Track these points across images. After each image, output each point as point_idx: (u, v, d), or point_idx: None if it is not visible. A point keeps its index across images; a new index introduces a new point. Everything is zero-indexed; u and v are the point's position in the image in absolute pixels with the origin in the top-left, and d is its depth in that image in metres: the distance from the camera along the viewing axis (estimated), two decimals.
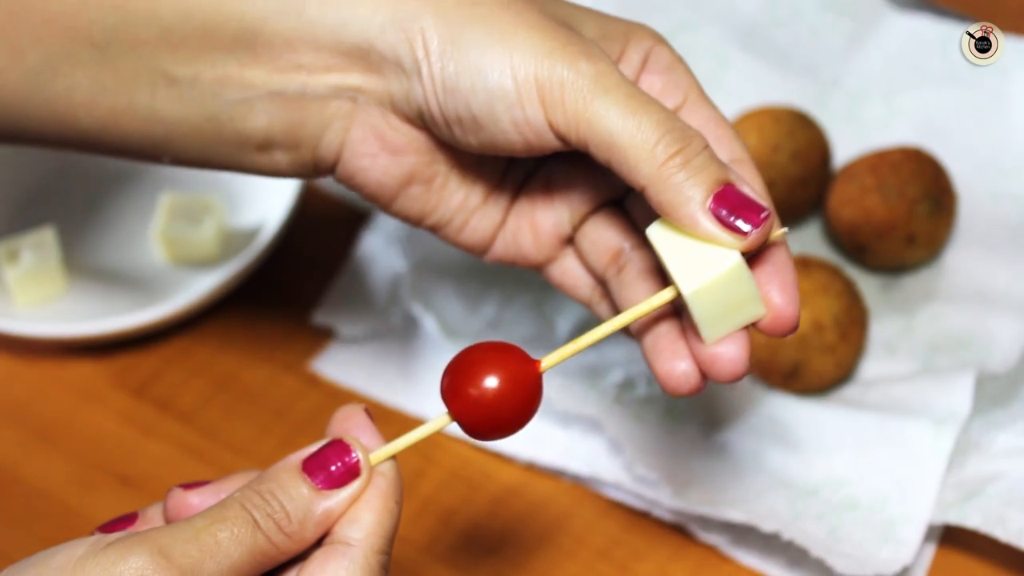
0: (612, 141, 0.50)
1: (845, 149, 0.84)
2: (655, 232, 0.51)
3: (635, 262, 0.56)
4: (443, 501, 0.73)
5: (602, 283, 0.58)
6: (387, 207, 0.57)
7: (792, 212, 0.82)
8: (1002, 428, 0.70)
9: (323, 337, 0.80)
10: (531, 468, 0.74)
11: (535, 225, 0.58)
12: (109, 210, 0.86)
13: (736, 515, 0.68)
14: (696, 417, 0.74)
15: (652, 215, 0.52)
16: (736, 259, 0.49)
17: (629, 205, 0.58)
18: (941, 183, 0.78)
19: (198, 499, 0.50)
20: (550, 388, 0.74)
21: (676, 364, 0.52)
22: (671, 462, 0.71)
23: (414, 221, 0.57)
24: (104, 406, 0.79)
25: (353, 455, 0.49)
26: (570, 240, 0.58)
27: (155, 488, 0.75)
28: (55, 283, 0.82)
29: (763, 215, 0.49)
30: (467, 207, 0.57)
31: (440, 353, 0.78)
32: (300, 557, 0.49)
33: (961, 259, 0.80)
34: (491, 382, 0.49)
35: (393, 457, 0.50)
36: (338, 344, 0.80)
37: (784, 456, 0.71)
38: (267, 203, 0.84)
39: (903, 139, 0.84)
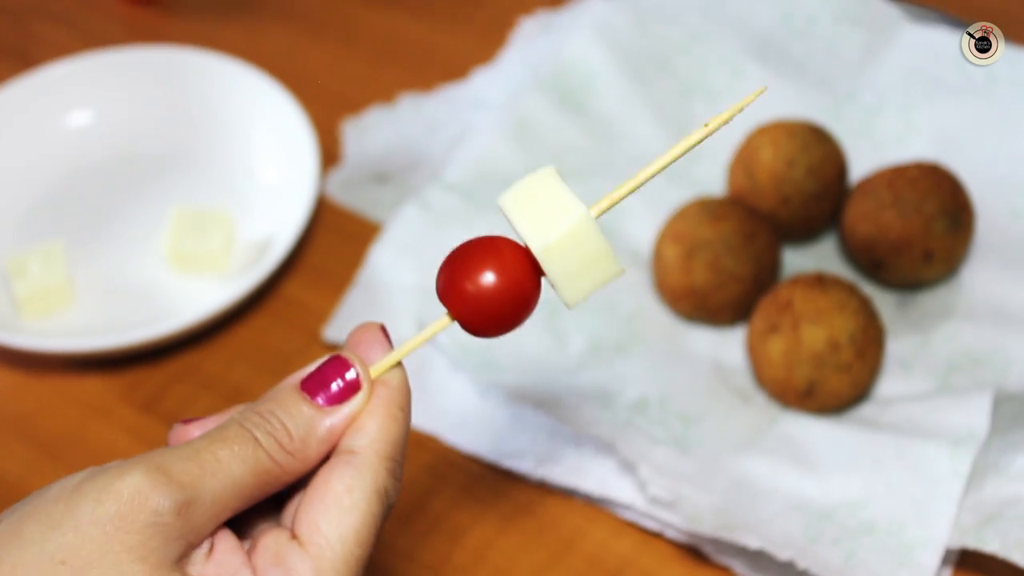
0: None
1: (861, 164, 0.83)
2: (505, 200, 0.49)
3: None
4: (453, 519, 0.72)
5: None
6: None
7: (807, 228, 0.81)
8: (1020, 449, 0.69)
9: (332, 351, 0.79)
10: (543, 487, 0.73)
11: None
12: (118, 223, 0.86)
13: (751, 541, 0.67)
14: (710, 437, 0.73)
15: None
16: (582, 212, 0.48)
17: None
18: (959, 199, 0.77)
19: (198, 432, 0.50)
20: (561, 409, 0.73)
21: None
22: (684, 483, 0.70)
23: None
24: (112, 421, 0.78)
25: (352, 371, 0.49)
26: None
27: None
28: (63, 297, 0.81)
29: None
30: None
31: (450, 368, 0.77)
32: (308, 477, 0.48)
33: (978, 276, 0.79)
34: (488, 277, 0.48)
35: (399, 364, 0.50)
36: None
37: (800, 477, 0.70)
38: (278, 216, 0.83)
39: (920, 154, 0.83)
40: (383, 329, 0.51)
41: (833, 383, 0.72)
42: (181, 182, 0.88)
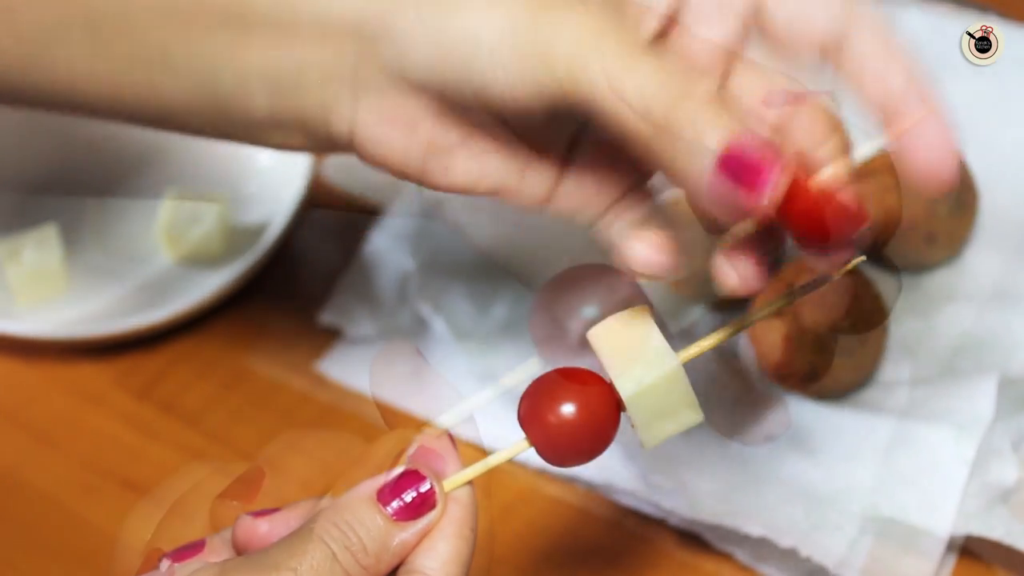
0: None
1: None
2: (596, 335, 0.51)
3: None
4: None
5: None
6: (421, 181, 0.55)
7: None
8: None
9: (330, 337, 0.79)
10: (543, 474, 0.73)
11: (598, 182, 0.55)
12: (112, 208, 0.85)
13: (753, 528, 0.66)
14: (712, 422, 0.72)
15: None
16: (674, 363, 0.49)
17: None
18: (963, 180, 0.76)
19: (267, 526, 0.50)
20: None
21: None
22: (686, 470, 0.69)
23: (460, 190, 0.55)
24: (107, 408, 0.77)
25: (427, 485, 0.49)
26: None
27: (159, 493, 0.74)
28: (57, 282, 0.80)
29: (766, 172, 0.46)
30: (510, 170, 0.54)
31: (449, 355, 0.76)
32: None
33: (982, 258, 0.78)
34: (569, 409, 0.49)
35: (469, 482, 0.50)
36: (345, 344, 0.79)
37: (802, 463, 0.70)
38: (273, 200, 0.83)
39: None
40: (451, 437, 0.52)
41: (835, 368, 0.71)
42: (176, 166, 0.87)
